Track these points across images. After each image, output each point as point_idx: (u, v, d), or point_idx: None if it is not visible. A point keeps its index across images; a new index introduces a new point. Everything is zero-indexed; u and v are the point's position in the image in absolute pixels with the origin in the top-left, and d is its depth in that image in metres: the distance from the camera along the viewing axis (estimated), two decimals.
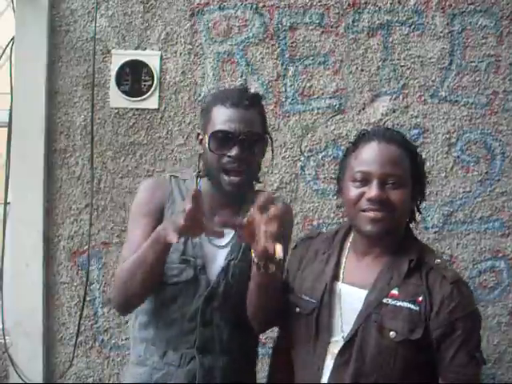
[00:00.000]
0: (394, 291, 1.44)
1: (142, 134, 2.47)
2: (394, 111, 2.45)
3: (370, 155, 1.47)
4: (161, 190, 1.64)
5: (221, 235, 1.41)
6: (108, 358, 2.50)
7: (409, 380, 1.43)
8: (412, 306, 1.41)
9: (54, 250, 2.50)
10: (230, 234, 1.60)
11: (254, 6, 2.45)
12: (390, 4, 2.45)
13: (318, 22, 2.46)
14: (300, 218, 2.45)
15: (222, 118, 1.54)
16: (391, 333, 1.40)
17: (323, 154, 2.46)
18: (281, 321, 1.66)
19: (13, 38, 2.48)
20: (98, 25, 2.46)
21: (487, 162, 2.45)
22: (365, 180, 1.45)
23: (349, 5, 2.45)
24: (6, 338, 2.48)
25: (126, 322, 2.46)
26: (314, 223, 2.45)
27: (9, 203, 2.52)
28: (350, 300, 1.48)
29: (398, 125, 2.44)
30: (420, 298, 1.42)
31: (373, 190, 1.42)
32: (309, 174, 2.47)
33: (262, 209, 1.33)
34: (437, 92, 2.45)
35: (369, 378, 1.42)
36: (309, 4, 2.45)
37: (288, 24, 2.45)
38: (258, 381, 1.84)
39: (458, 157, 2.45)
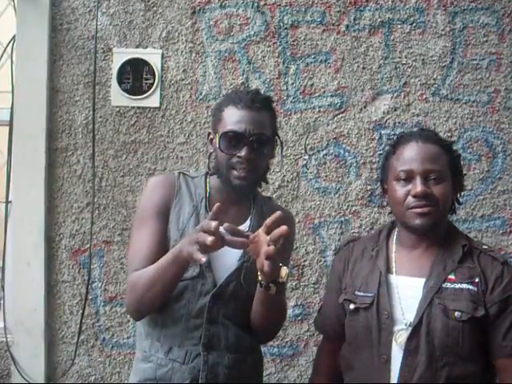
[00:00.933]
0: (451, 276, 1.55)
1: (143, 132, 2.47)
2: (395, 109, 2.45)
3: (410, 154, 1.59)
4: (168, 188, 1.65)
5: (245, 246, 1.40)
6: (110, 356, 2.50)
7: (476, 362, 1.52)
8: (471, 287, 1.52)
9: (55, 248, 2.50)
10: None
11: (256, 5, 2.45)
12: (392, 2, 2.45)
13: (319, 20, 2.45)
14: (301, 217, 2.45)
15: (234, 118, 1.57)
16: (456, 313, 1.50)
17: (325, 152, 2.46)
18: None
19: (14, 37, 2.48)
20: (99, 23, 2.45)
21: (489, 160, 2.45)
22: (408, 178, 1.57)
23: (350, 3, 2.45)
24: (8, 336, 2.47)
25: (128, 321, 2.46)
26: (316, 222, 2.45)
27: (10, 202, 2.51)
28: (408, 289, 1.57)
29: (399, 123, 2.44)
30: (476, 280, 1.53)
31: (417, 186, 1.54)
32: (310, 173, 2.47)
33: (269, 228, 1.35)
34: (438, 90, 2.45)
35: (439, 361, 1.50)
36: (310, 2, 2.45)
37: (289, 22, 2.45)
38: (264, 380, 1.85)
39: (460, 155, 2.44)
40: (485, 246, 1.62)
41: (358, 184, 2.45)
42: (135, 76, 2.46)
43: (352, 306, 1.63)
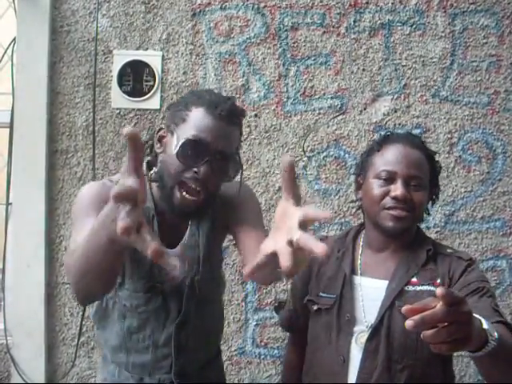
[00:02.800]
0: (414, 279, 1.54)
1: (143, 134, 2.47)
2: (395, 111, 2.45)
3: (395, 156, 1.57)
4: (104, 193, 1.32)
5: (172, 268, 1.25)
6: None
7: (435, 364, 1.51)
8: (431, 288, 1.51)
9: (55, 250, 2.50)
10: (182, 251, 1.47)
11: (256, 6, 2.46)
12: (392, 4, 2.45)
13: (319, 22, 2.46)
14: None
15: (203, 126, 1.33)
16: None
17: (325, 153, 2.47)
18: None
19: (14, 39, 2.47)
20: (99, 25, 2.46)
21: (489, 161, 2.45)
22: (390, 179, 1.55)
23: (350, 5, 2.45)
24: (8, 338, 2.47)
25: None
26: (316, 223, 2.45)
27: (10, 204, 2.51)
28: (371, 291, 1.56)
29: (399, 125, 2.44)
30: (438, 281, 1.53)
31: (398, 189, 1.52)
32: (310, 174, 2.47)
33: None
34: (438, 92, 2.45)
35: (398, 363, 1.49)
36: (310, 4, 2.45)
37: (289, 24, 2.45)
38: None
39: (460, 156, 2.45)
40: (450, 250, 1.62)
41: (354, 185, 2.44)
42: (135, 78, 2.46)
43: (315, 307, 1.64)
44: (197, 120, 1.34)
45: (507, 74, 2.44)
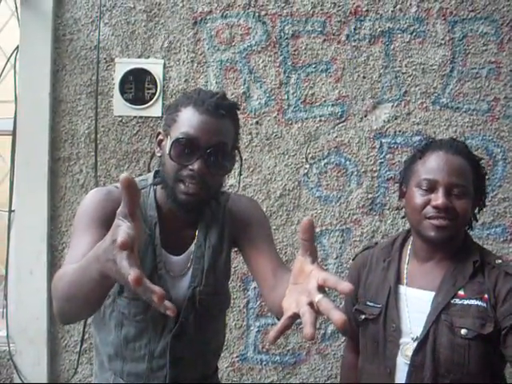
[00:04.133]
0: (461, 292, 1.51)
1: (145, 141, 2.49)
2: (395, 118, 2.46)
3: (437, 164, 1.53)
4: (110, 201, 1.35)
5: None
6: None
7: (483, 378, 1.48)
8: (479, 303, 1.48)
9: (58, 257, 2.51)
10: (187, 261, 1.46)
11: (257, 15, 2.47)
12: (392, 12, 2.46)
13: (319, 29, 2.47)
14: None
15: (191, 123, 1.35)
16: (463, 330, 1.46)
17: (326, 161, 2.48)
18: None
19: (17, 47, 2.50)
20: (101, 33, 2.48)
21: (489, 168, 2.46)
22: (431, 188, 1.52)
23: (350, 13, 2.47)
24: (11, 345, 2.48)
25: None
26: (317, 230, 2.46)
27: (13, 211, 2.52)
28: (417, 302, 1.54)
29: (399, 132, 2.45)
30: (486, 296, 1.49)
31: (439, 198, 1.49)
32: (311, 181, 2.48)
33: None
34: (438, 99, 2.46)
35: (445, 377, 1.47)
36: (311, 12, 2.47)
37: (290, 32, 2.47)
38: None
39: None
40: (499, 261, 1.56)
41: (359, 192, 2.46)
42: (137, 86, 2.48)
43: (362, 317, 1.64)
44: (185, 119, 1.36)
45: (507, 81, 2.45)
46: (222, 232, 1.51)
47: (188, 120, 1.35)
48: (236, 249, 1.56)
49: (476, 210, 1.64)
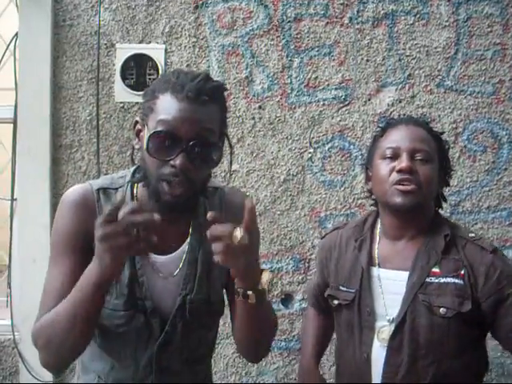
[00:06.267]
0: (435, 269, 1.48)
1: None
2: (400, 101, 2.44)
3: (398, 134, 1.55)
4: (85, 212, 1.27)
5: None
6: None
7: (463, 358, 1.47)
8: (456, 280, 1.46)
9: None
10: (178, 262, 1.34)
11: None
12: None
13: (322, 12, 2.44)
14: (307, 210, 2.45)
15: (170, 113, 1.18)
16: (441, 309, 1.45)
17: (330, 145, 2.46)
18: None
19: (16, 34, 2.47)
20: (101, 19, 2.45)
21: (494, 151, 2.44)
22: (394, 155, 1.52)
23: None
24: (16, 333, 2.48)
25: None
26: (322, 215, 2.45)
27: (15, 199, 2.51)
28: (391, 283, 1.52)
29: (404, 115, 2.42)
30: (462, 272, 1.47)
31: (403, 161, 1.49)
32: (315, 166, 2.46)
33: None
34: (443, 81, 2.44)
35: (424, 359, 1.45)
36: None
37: (293, 15, 2.44)
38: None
39: (465, 146, 2.44)
40: (471, 234, 1.55)
41: (364, 177, 2.44)
42: (139, 71, 2.46)
43: (335, 302, 1.61)
44: (163, 108, 1.19)
45: None
46: None
47: (166, 109, 1.19)
48: None
49: (443, 187, 1.63)
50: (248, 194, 2.43)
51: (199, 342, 1.39)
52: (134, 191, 1.33)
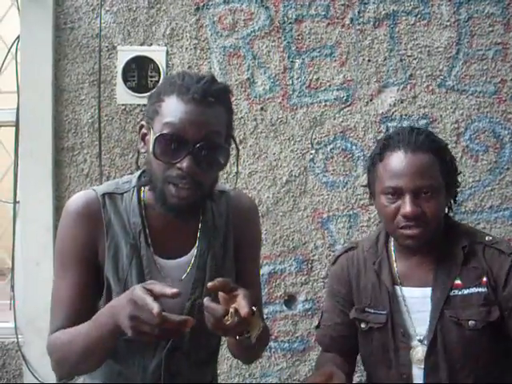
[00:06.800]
0: (457, 281, 1.45)
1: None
2: (401, 101, 2.44)
3: (398, 167, 1.44)
4: (92, 223, 1.28)
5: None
6: None
7: (499, 361, 1.44)
8: (480, 289, 1.43)
9: None
10: (186, 266, 1.34)
11: None
12: None
13: (323, 13, 2.44)
14: (310, 211, 2.45)
15: (176, 115, 1.18)
16: (470, 322, 1.41)
17: (332, 146, 2.46)
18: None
19: (18, 37, 2.47)
20: (103, 21, 2.45)
21: (496, 150, 2.44)
22: (397, 193, 1.44)
23: None
24: (19, 336, 2.48)
25: None
26: (324, 216, 2.45)
27: (18, 202, 2.51)
28: (415, 301, 1.48)
29: (405, 115, 2.43)
30: (484, 279, 1.44)
31: (407, 207, 1.41)
32: (318, 167, 2.46)
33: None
34: (444, 81, 2.44)
35: (462, 371, 1.42)
36: None
37: (294, 16, 2.44)
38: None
39: (467, 146, 2.44)
40: (488, 238, 1.51)
41: (366, 177, 2.44)
42: (140, 73, 2.46)
43: (364, 326, 1.55)
44: (169, 110, 1.19)
45: None
46: (226, 236, 1.39)
47: (172, 111, 1.19)
48: None
49: (452, 199, 1.58)
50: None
51: (206, 345, 1.39)
52: (141, 195, 1.33)
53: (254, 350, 1.31)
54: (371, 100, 2.45)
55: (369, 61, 2.44)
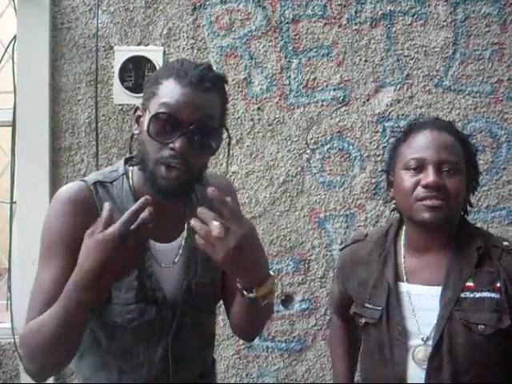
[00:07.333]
0: (469, 283, 1.40)
1: None
2: (398, 101, 2.44)
3: (423, 142, 1.43)
4: (83, 207, 1.25)
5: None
6: None
7: (505, 368, 1.40)
8: (492, 295, 1.38)
9: None
10: (178, 249, 1.35)
11: None
12: None
13: (320, 13, 2.45)
14: (307, 211, 2.45)
15: (172, 96, 1.20)
16: (480, 327, 1.37)
17: (328, 146, 2.46)
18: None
19: (15, 37, 2.47)
20: (99, 21, 2.45)
21: (493, 150, 2.45)
22: (419, 167, 1.41)
23: None
24: (16, 337, 2.47)
25: None
26: (321, 216, 2.45)
27: (15, 202, 2.51)
28: (422, 299, 1.44)
29: (402, 115, 2.44)
30: (498, 285, 1.39)
31: (429, 176, 1.38)
32: (314, 167, 2.46)
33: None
34: (441, 81, 2.44)
35: (465, 376, 1.38)
36: None
37: (291, 16, 2.44)
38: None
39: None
40: (506, 243, 1.45)
41: (363, 177, 2.45)
42: (137, 73, 2.46)
43: (362, 321, 1.53)
44: (166, 92, 1.21)
45: (510, 62, 2.43)
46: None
47: (169, 93, 1.21)
48: None
49: (470, 194, 1.53)
50: (248, 195, 2.43)
51: (205, 326, 1.42)
52: (130, 182, 1.33)
53: (260, 314, 1.30)
54: (368, 100, 2.45)
55: (365, 61, 2.45)
